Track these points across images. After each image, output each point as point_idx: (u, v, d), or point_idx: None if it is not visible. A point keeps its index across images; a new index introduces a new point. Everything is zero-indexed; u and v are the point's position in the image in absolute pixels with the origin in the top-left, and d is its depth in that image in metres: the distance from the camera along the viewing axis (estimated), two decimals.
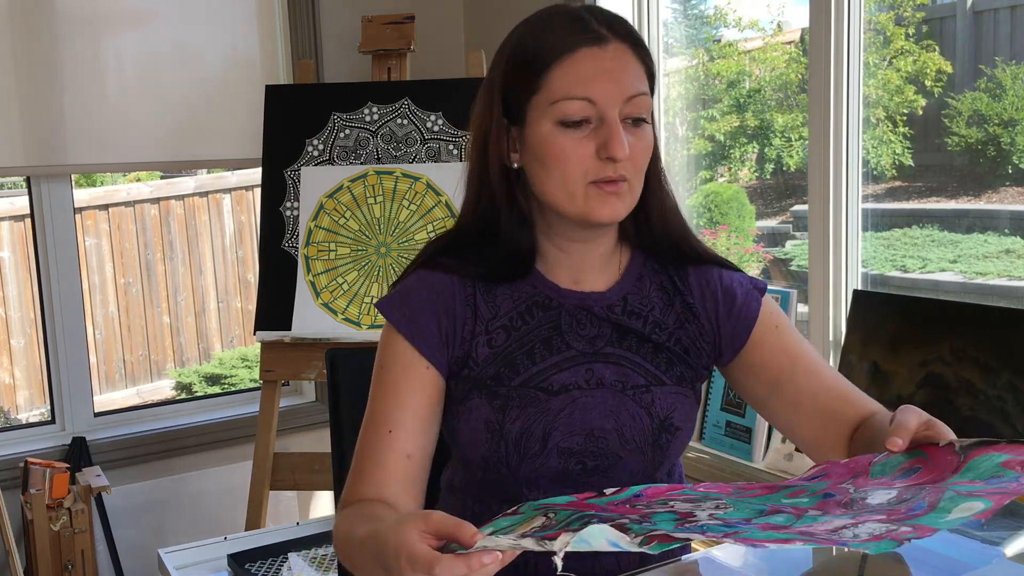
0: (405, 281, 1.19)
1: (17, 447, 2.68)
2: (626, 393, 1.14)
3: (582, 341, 1.15)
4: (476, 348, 1.14)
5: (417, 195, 2.52)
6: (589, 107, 1.07)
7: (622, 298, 1.18)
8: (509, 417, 1.11)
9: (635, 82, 1.08)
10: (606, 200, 1.08)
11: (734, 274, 1.22)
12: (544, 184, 1.10)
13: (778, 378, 1.17)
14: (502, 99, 1.13)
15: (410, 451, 1.12)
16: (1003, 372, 1.69)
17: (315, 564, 2.31)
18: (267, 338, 2.50)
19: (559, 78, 1.07)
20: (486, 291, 1.16)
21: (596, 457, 1.12)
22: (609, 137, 1.06)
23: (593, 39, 1.07)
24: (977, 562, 1.13)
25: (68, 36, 2.65)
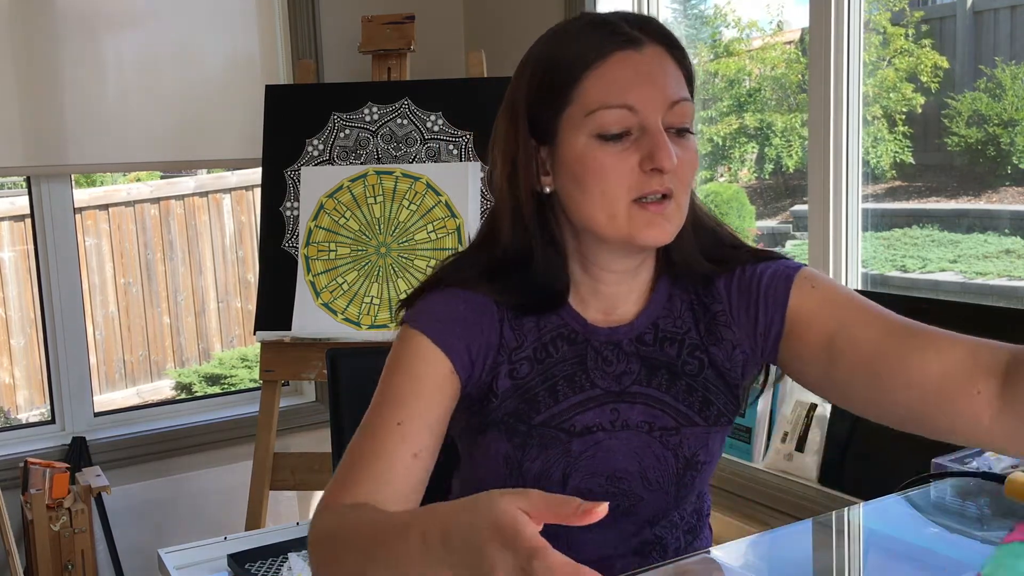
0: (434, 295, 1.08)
1: (17, 447, 2.68)
2: (653, 435, 1.06)
3: (608, 379, 1.07)
4: (498, 379, 1.06)
5: (417, 195, 2.52)
6: (629, 116, 0.97)
7: (652, 324, 1.09)
8: (528, 456, 1.05)
9: (676, 87, 0.99)
10: (652, 221, 0.98)
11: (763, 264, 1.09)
12: (582, 205, 1.00)
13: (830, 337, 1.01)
14: (528, 118, 1.02)
15: (417, 450, 1.00)
16: None
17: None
18: (267, 338, 2.50)
19: (593, 87, 0.97)
20: (514, 317, 1.07)
21: (616, 498, 1.06)
22: (654, 147, 0.96)
23: (627, 42, 0.98)
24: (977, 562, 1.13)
25: (68, 36, 2.65)
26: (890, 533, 1.23)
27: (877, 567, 1.15)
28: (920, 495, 1.27)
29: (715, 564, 1.14)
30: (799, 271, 1.07)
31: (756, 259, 1.10)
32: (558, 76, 0.99)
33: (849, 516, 1.26)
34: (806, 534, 1.26)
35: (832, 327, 1.01)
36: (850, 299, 1.03)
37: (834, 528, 1.24)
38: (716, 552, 1.17)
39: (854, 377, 1.00)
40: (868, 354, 0.98)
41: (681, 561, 1.14)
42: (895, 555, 1.16)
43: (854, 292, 1.07)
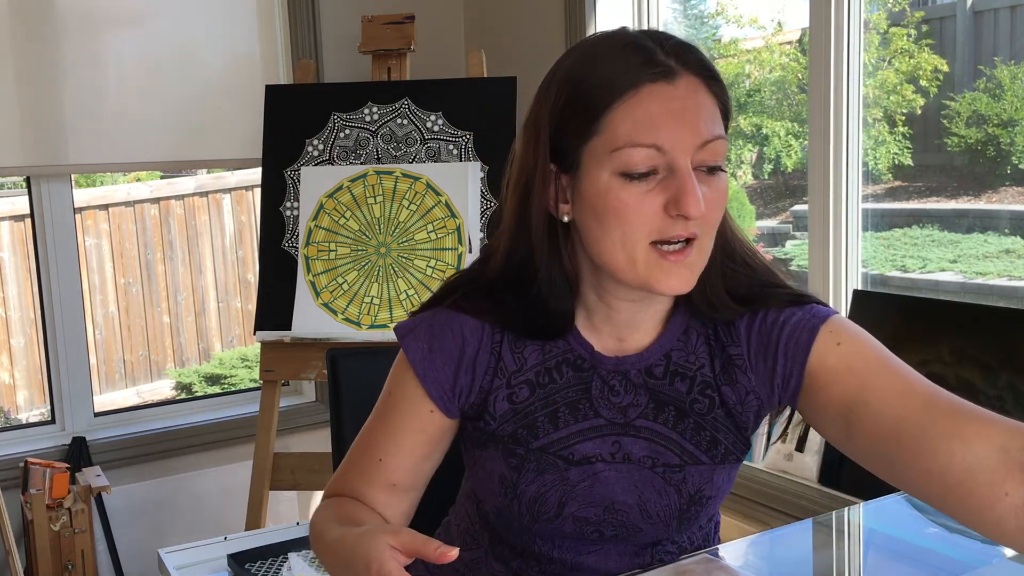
0: (429, 314, 1.08)
1: (17, 447, 2.68)
2: (655, 470, 1.02)
3: (613, 410, 1.03)
4: (495, 402, 1.04)
5: (417, 195, 2.52)
6: (657, 155, 0.91)
7: (664, 356, 1.04)
8: (524, 479, 1.03)
9: (710, 124, 0.92)
10: (672, 271, 0.93)
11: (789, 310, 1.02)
12: (600, 243, 0.95)
13: (849, 404, 0.94)
14: (550, 141, 0.96)
15: (396, 480, 1.07)
16: (1003, 372, 1.69)
17: (315, 564, 2.31)
18: (267, 338, 2.50)
19: (621, 121, 0.91)
20: (514, 340, 1.04)
21: (615, 527, 1.04)
22: (681, 192, 0.90)
23: (661, 73, 0.91)
24: (977, 562, 1.13)
25: (68, 36, 2.65)
26: (890, 533, 1.23)
27: (877, 567, 1.15)
28: None
29: (715, 564, 1.14)
30: (826, 322, 0.99)
31: (785, 302, 1.02)
32: (585, 103, 0.93)
33: (849, 516, 1.26)
34: (806, 534, 1.26)
35: (853, 392, 0.94)
36: (877, 362, 0.95)
37: (834, 528, 1.24)
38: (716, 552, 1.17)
39: (872, 448, 0.94)
40: (887, 430, 0.91)
41: (681, 561, 1.14)
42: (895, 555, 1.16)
43: (884, 352, 0.98)
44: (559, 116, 0.95)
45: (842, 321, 1.00)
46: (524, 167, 0.99)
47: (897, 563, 1.14)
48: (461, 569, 1.16)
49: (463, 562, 1.15)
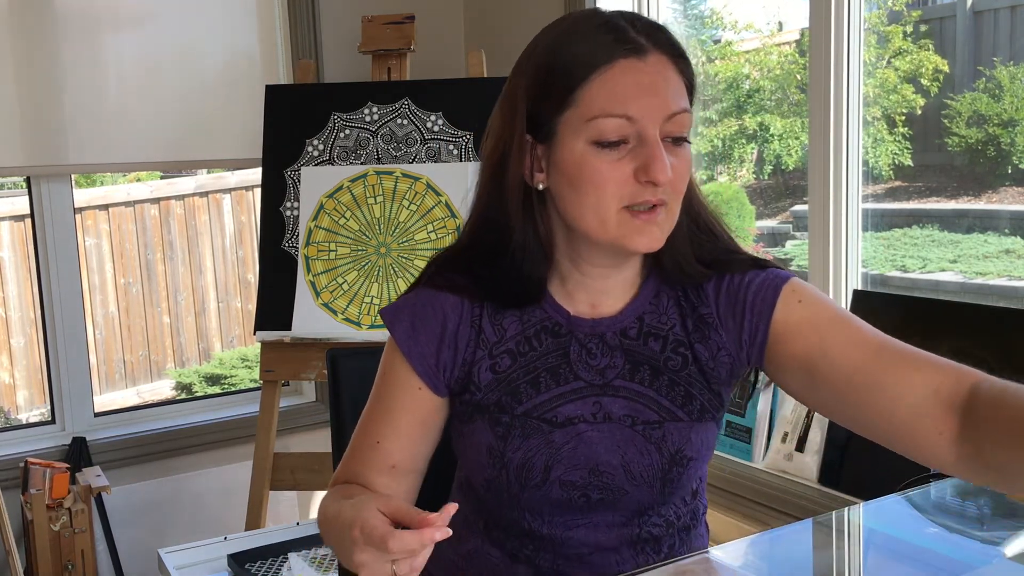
0: (412, 294, 1.13)
1: (17, 447, 2.68)
2: (635, 428, 1.06)
3: (592, 372, 1.08)
4: (479, 372, 1.09)
5: (417, 195, 2.52)
6: (628, 125, 0.97)
7: (638, 319, 1.10)
8: (511, 446, 1.06)
9: (677, 98, 0.99)
10: (642, 229, 1.00)
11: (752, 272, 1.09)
12: (575, 208, 1.01)
13: (812, 355, 1.02)
14: (527, 113, 1.02)
15: (395, 462, 1.12)
16: (1003, 372, 1.69)
17: (315, 564, 2.31)
18: (267, 338, 2.50)
19: (596, 93, 0.97)
20: (494, 312, 1.10)
21: (600, 491, 1.07)
22: (650, 159, 0.97)
23: (632, 50, 0.98)
24: (977, 562, 1.13)
25: (68, 36, 2.65)
26: (890, 533, 1.23)
27: (877, 567, 1.15)
28: (920, 495, 1.28)
29: (715, 564, 1.14)
30: (787, 282, 1.07)
31: (748, 266, 1.10)
32: (561, 77, 0.99)
33: (849, 516, 1.26)
34: (806, 534, 1.26)
35: (814, 344, 1.02)
36: (835, 317, 1.04)
37: (834, 528, 1.24)
38: (716, 552, 1.17)
39: (832, 396, 1.02)
40: (845, 378, 1.00)
41: (681, 561, 1.14)
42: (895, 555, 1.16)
43: (841, 309, 1.07)
44: (537, 89, 1.01)
45: (801, 282, 1.08)
46: (500, 138, 1.05)
47: (897, 563, 1.14)
48: (459, 562, 1.17)
49: (460, 555, 1.17)
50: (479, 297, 1.10)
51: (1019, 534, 1.17)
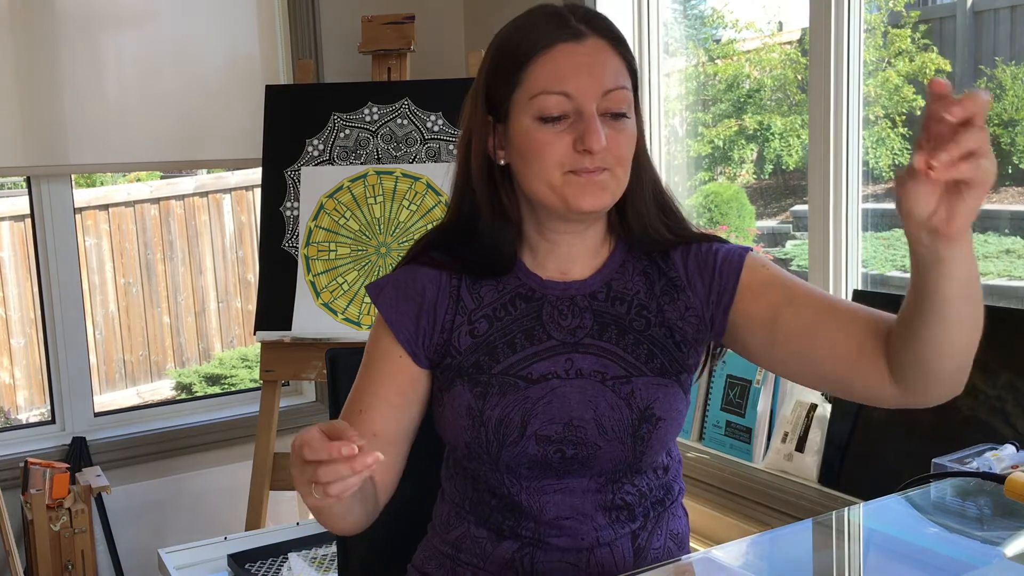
0: (395, 272, 1.23)
1: (17, 447, 2.68)
2: (605, 384, 1.14)
3: (563, 332, 1.17)
4: (458, 338, 1.17)
5: (417, 195, 2.52)
6: (566, 101, 1.08)
7: (605, 284, 1.19)
8: (489, 404, 1.13)
9: (613, 76, 1.10)
10: (585, 188, 1.09)
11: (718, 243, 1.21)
12: (526, 177, 1.12)
13: (774, 311, 1.12)
14: (486, 97, 1.15)
15: (376, 430, 1.17)
16: (1003, 372, 1.69)
17: (315, 564, 2.31)
18: (267, 338, 2.50)
19: (537, 73, 1.09)
20: (471, 283, 1.19)
21: (575, 446, 1.13)
22: (585, 130, 1.07)
23: (571, 35, 1.09)
24: (977, 562, 1.13)
25: (68, 36, 2.65)
26: (890, 533, 1.23)
27: (877, 567, 1.15)
28: (920, 495, 1.28)
29: (715, 564, 1.14)
30: (750, 252, 1.19)
31: (711, 239, 1.22)
32: (510, 60, 1.11)
33: (849, 516, 1.26)
34: (806, 534, 1.26)
35: (777, 300, 1.13)
36: (792, 280, 1.16)
37: (834, 528, 1.24)
38: (716, 552, 1.17)
39: (790, 351, 1.12)
40: (805, 331, 1.11)
41: (681, 561, 1.14)
42: (895, 555, 1.16)
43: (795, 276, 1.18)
44: (492, 73, 1.14)
45: (761, 255, 1.20)
46: (467, 122, 1.17)
47: (897, 563, 1.14)
48: (449, 551, 1.22)
49: (449, 543, 1.22)
50: (457, 270, 1.19)
51: (1019, 534, 1.17)
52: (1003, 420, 1.66)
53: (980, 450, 1.33)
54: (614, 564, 1.15)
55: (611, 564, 1.15)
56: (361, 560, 1.46)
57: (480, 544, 1.19)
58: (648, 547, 1.18)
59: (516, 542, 1.16)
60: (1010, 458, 1.29)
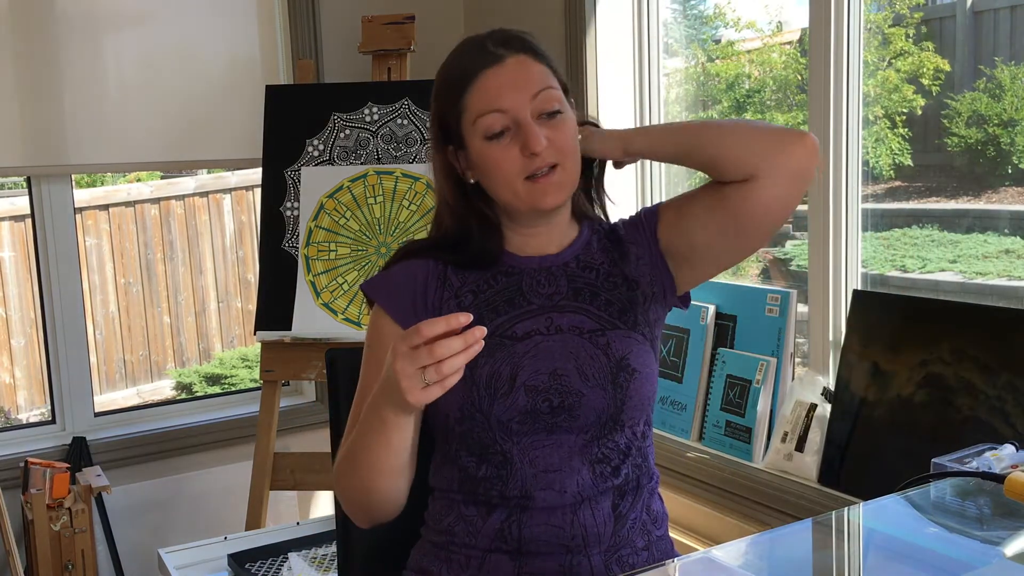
0: (385, 270, 1.34)
1: (17, 447, 2.68)
2: (583, 336, 1.26)
3: (542, 297, 1.30)
4: (447, 309, 1.28)
5: (417, 195, 2.52)
6: (503, 116, 1.22)
7: (575, 257, 1.33)
8: (479, 364, 1.20)
9: (537, 80, 1.24)
10: (545, 190, 1.24)
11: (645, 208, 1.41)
12: (493, 190, 1.27)
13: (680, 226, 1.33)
14: (441, 129, 1.29)
15: None
16: (1003, 372, 1.69)
17: (315, 564, 2.31)
18: (267, 338, 2.50)
19: (473, 99, 1.24)
20: (457, 268, 1.31)
21: (560, 394, 1.22)
22: (526, 136, 1.21)
23: (492, 60, 1.24)
24: (977, 562, 1.14)
25: (68, 36, 2.65)
26: (890, 533, 1.23)
27: (877, 567, 1.15)
28: (920, 495, 1.28)
29: (715, 564, 1.14)
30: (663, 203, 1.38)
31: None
32: (449, 95, 1.27)
33: (849, 516, 1.26)
34: (806, 534, 1.26)
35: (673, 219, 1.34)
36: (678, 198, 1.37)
37: (834, 528, 1.25)
38: (716, 552, 1.17)
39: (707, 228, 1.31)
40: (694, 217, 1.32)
41: (681, 561, 1.14)
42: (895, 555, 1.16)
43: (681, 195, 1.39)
44: (439, 108, 1.29)
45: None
46: (432, 154, 1.32)
47: (897, 563, 1.14)
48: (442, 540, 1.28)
49: (442, 531, 1.28)
50: (443, 259, 1.32)
51: (1019, 534, 1.17)
52: (1003, 420, 1.66)
53: (980, 450, 1.33)
54: (596, 526, 1.23)
55: (592, 526, 1.23)
56: (361, 560, 1.46)
57: (471, 522, 1.26)
58: (627, 515, 1.26)
59: (504, 510, 1.23)
60: (1010, 458, 1.29)
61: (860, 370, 1.93)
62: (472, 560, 1.24)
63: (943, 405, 1.77)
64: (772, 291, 2.21)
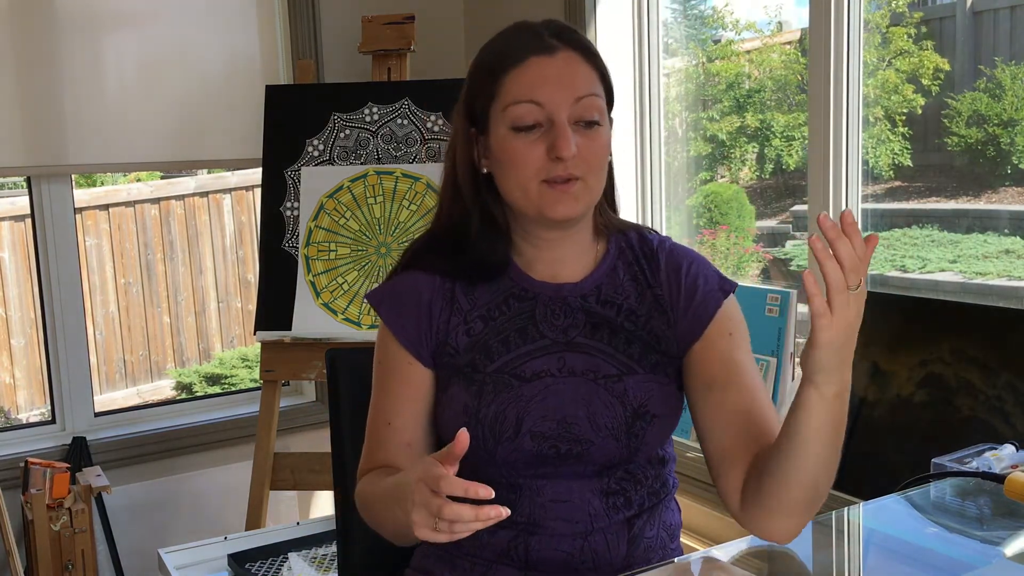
0: (391, 280, 1.27)
1: (17, 447, 2.68)
2: (598, 382, 1.17)
3: (555, 331, 1.20)
4: (455, 338, 1.21)
5: (417, 195, 2.52)
6: (538, 110, 1.13)
7: (595, 287, 1.22)
8: (484, 402, 1.16)
9: (584, 85, 1.14)
10: (559, 198, 1.14)
11: (703, 269, 1.23)
12: (505, 185, 1.17)
13: (712, 383, 1.17)
14: (467, 109, 1.20)
15: (409, 440, 1.21)
16: (1003, 372, 1.69)
17: (315, 564, 2.31)
18: (267, 338, 2.50)
19: (510, 85, 1.14)
20: (466, 286, 1.23)
21: (568, 442, 1.15)
22: (556, 138, 1.11)
23: (542, 48, 1.14)
24: (977, 562, 1.14)
25: (68, 36, 2.65)
26: (890, 533, 1.23)
27: (877, 567, 1.15)
28: (920, 495, 1.28)
29: (715, 564, 1.14)
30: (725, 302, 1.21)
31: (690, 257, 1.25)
32: (487, 74, 1.17)
33: (849, 516, 1.26)
34: (806, 534, 1.26)
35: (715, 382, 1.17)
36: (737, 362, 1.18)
37: (834, 528, 1.24)
38: (716, 552, 1.17)
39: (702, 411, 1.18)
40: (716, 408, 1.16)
41: (681, 561, 1.14)
42: (895, 555, 1.17)
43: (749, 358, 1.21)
44: (472, 86, 1.20)
45: (735, 308, 1.23)
46: (453, 133, 1.22)
47: (897, 563, 1.14)
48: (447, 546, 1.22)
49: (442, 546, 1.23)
50: (450, 274, 1.23)
51: (1019, 534, 1.17)
52: (1003, 420, 1.66)
53: (980, 450, 1.33)
54: (608, 552, 1.17)
55: (604, 552, 1.17)
56: (361, 560, 1.46)
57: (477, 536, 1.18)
58: (642, 536, 1.19)
59: (512, 530, 1.18)
60: (1010, 458, 1.29)
61: (860, 370, 1.93)
62: (477, 567, 1.21)
63: (943, 405, 1.77)
64: (772, 291, 2.21)
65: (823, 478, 1.04)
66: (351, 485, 1.43)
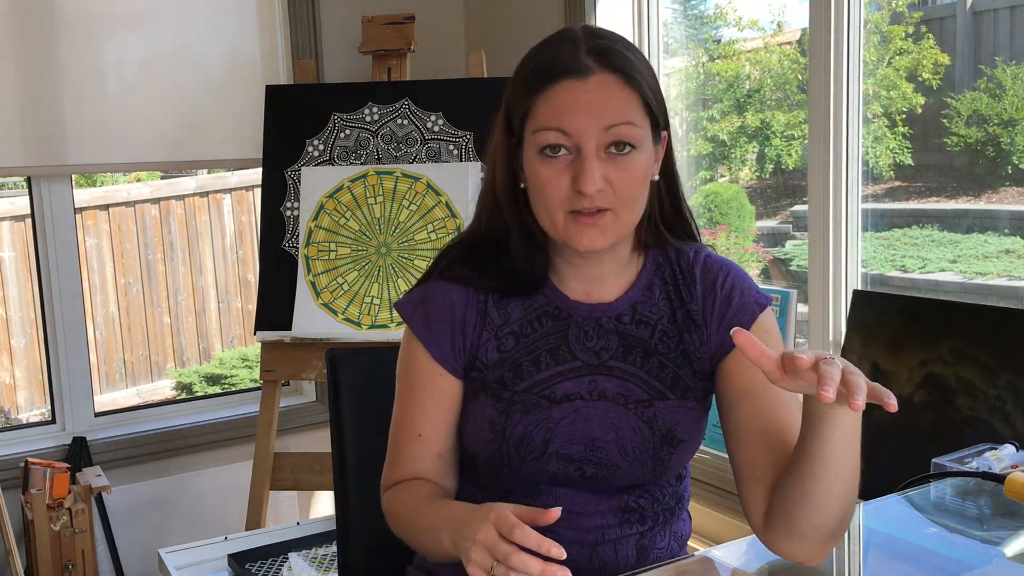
0: (423, 288, 1.22)
1: (17, 447, 2.68)
2: (628, 407, 1.14)
3: (588, 353, 1.17)
4: (485, 353, 1.17)
5: (417, 195, 2.52)
6: (564, 138, 1.07)
7: (630, 307, 1.19)
8: (512, 420, 1.14)
9: (616, 112, 1.07)
10: (584, 231, 1.09)
11: (740, 283, 1.20)
12: (535, 207, 1.13)
13: (744, 392, 1.14)
14: (507, 120, 1.14)
15: (440, 450, 1.19)
16: (1003, 372, 1.69)
17: (315, 564, 2.31)
18: (267, 338, 2.50)
19: (540, 107, 1.08)
20: (499, 299, 1.19)
21: (595, 465, 1.13)
22: (580, 170, 1.06)
23: (576, 71, 1.07)
24: (977, 562, 1.14)
25: (68, 36, 2.65)
26: (890, 533, 1.23)
27: (877, 567, 1.15)
28: (920, 495, 1.28)
29: (715, 564, 1.14)
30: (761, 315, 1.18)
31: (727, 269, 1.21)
32: (522, 89, 1.11)
33: None
34: None
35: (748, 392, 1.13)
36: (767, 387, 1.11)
37: None
38: (716, 552, 1.17)
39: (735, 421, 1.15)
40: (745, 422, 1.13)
41: (681, 561, 1.14)
42: (895, 555, 1.17)
43: None
44: (511, 95, 1.13)
45: (770, 320, 1.19)
46: (495, 139, 1.17)
47: (897, 563, 1.14)
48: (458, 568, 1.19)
49: None
50: (484, 287, 1.19)
51: (1019, 534, 1.17)
52: (1003, 420, 1.66)
53: (980, 450, 1.33)
54: (616, 562, 1.16)
55: (613, 562, 1.16)
56: (361, 560, 1.46)
57: None
58: (652, 546, 1.19)
59: None
60: (1010, 458, 1.29)
61: (860, 370, 1.92)
62: None
63: (943, 405, 1.77)
64: (772, 291, 2.21)
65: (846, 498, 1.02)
66: (351, 485, 1.43)
